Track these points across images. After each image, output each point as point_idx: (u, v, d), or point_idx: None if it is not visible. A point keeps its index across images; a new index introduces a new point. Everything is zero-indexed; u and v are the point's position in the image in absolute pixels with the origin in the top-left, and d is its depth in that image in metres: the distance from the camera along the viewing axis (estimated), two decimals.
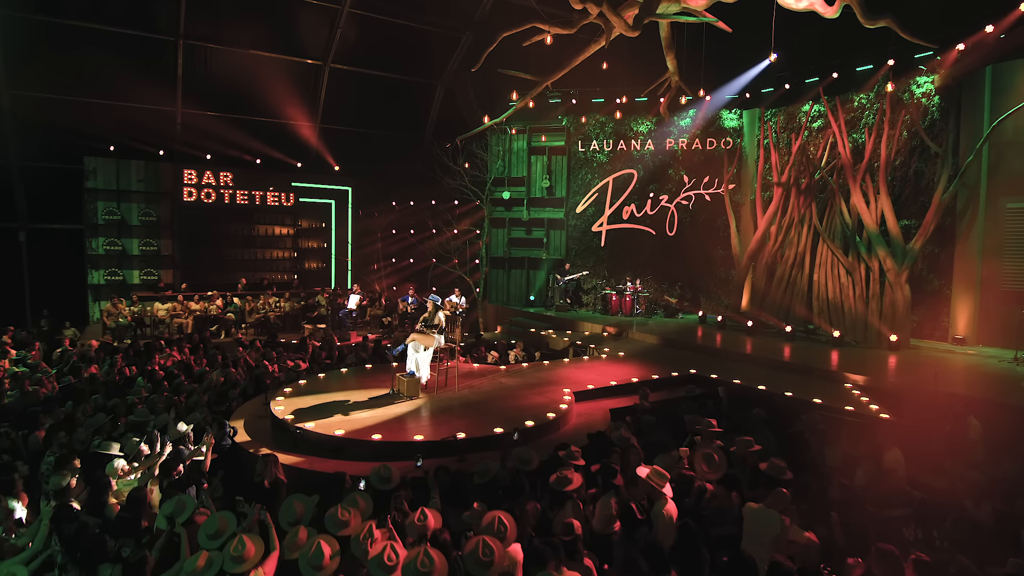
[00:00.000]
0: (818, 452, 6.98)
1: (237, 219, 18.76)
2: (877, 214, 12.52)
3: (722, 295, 16.35)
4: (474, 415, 7.31)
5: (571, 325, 15.09)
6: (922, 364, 10.48)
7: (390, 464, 5.33)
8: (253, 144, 18.58)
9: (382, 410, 7.47)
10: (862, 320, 12.56)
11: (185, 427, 6.73)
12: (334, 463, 6.17)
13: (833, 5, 8.10)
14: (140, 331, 14.67)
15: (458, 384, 8.56)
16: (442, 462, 6.23)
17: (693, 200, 16.66)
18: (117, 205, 17.03)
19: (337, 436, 6.50)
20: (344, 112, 19.64)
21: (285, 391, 8.26)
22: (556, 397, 8.21)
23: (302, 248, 20.12)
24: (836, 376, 9.68)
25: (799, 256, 13.88)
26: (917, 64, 12.60)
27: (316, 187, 20.23)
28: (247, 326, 16.05)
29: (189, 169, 17.87)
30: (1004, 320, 11.64)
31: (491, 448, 6.55)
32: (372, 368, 9.99)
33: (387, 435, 6.48)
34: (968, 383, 9.11)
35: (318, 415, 7.25)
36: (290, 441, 6.80)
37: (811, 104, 14.57)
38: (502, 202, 18.21)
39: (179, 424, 6.74)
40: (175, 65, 16.65)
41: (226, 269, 18.47)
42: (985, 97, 11.85)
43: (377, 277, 20.19)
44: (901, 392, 8.67)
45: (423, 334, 8.07)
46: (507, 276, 18.42)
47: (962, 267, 12.34)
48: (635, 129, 16.89)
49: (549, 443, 6.84)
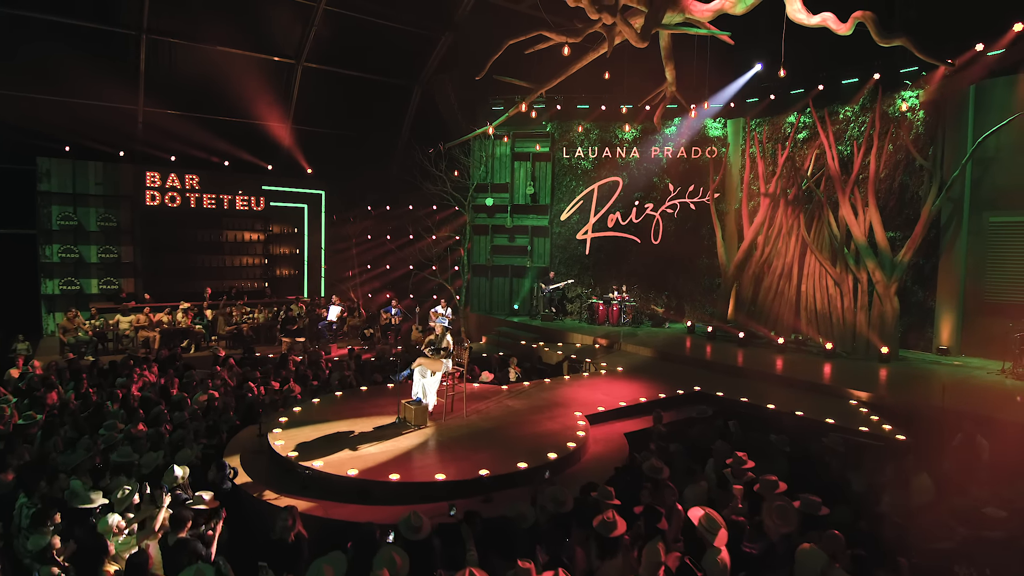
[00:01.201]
0: (840, 477, 6.87)
1: (204, 224, 17.78)
2: (866, 226, 12.67)
3: (707, 304, 16.37)
4: (491, 447, 6.92)
5: (560, 336, 14.82)
6: (920, 378, 10.60)
7: (418, 511, 4.91)
8: (221, 145, 17.63)
9: (392, 443, 7.00)
10: (850, 331, 12.69)
11: (181, 471, 6.12)
12: (350, 508, 5.69)
13: (847, 23, 8.02)
14: (102, 346, 13.68)
15: (465, 409, 8.16)
16: (467, 503, 5.85)
17: (678, 208, 16.62)
18: (73, 209, 15.86)
19: (351, 477, 6.01)
20: (317, 113, 18.86)
21: (280, 421, 7.69)
22: (570, 423, 7.90)
23: (273, 254, 19.24)
24: (839, 392, 9.68)
25: (787, 267, 13.96)
26: (903, 79, 12.80)
27: (288, 191, 19.38)
28: (218, 339, 15.19)
29: (152, 171, 16.81)
30: (987, 331, 11.92)
31: (516, 485, 6.19)
32: (368, 391, 9.47)
33: (405, 474, 6.02)
34: (967, 398, 9.17)
35: (323, 450, 6.73)
36: (295, 481, 6.27)
37: (797, 115, 14.70)
38: (484, 208, 17.80)
39: (175, 467, 6.11)
40: (137, 61, 15.60)
41: (192, 277, 17.47)
42: (969, 113, 12.11)
43: (353, 285, 19.49)
44: (907, 409, 8.69)
45: (430, 358, 7.63)
46: (490, 284, 18.03)
47: (946, 279, 12.61)
48: (620, 136, 16.73)
49: (573, 476, 6.55)
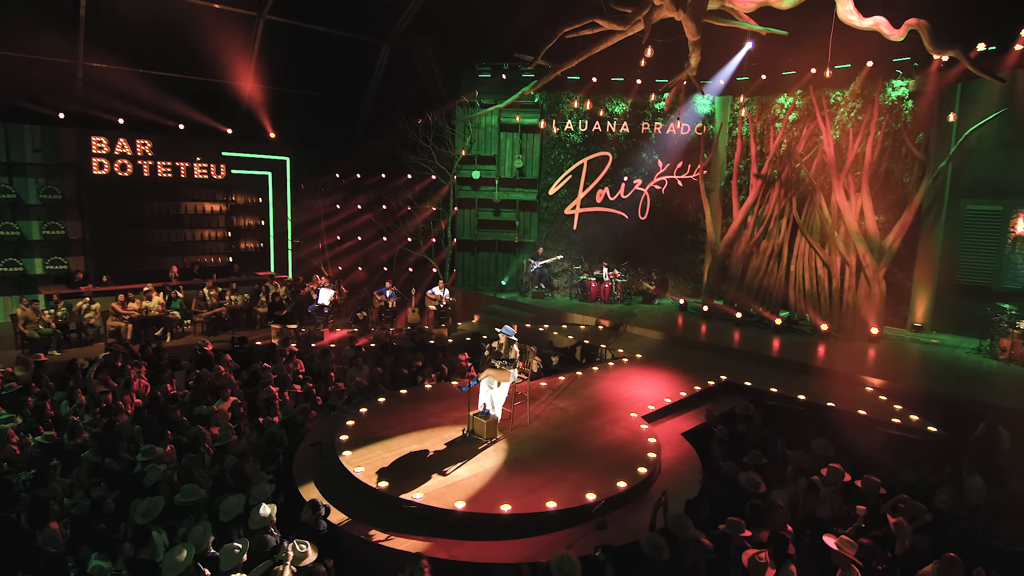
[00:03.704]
0: (893, 474, 7.32)
1: (160, 195, 16.10)
2: (857, 211, 13.29)
3: (695, 281, 16.82)
4: (577, 464, 6.78)
5: (556, 316, 14.78)
6: (915, 360, 11.42)
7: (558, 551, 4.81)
8: (175, 106, 15.84)
9: (476, 463, 6.76)
10: (838, 311, 13.45)
11: (268, 510, 5.65)
12: (471, 547, 5.49)
13: (900, 28, 8.11)
14: (64, 339, 12.30)
15: (528, 415, 8.03)
16: (580, 532, 5.79)
17: (666, 185, 16.75)
18: (9, 180, 13.87)
19: (460, 511, 5.77)
20: (282, 72, 17.26)
21: (341, 440, 7.25)
22: (632, 426, 7.96)
23: (237, 227, 17.83)
24: (855, 379, 10.23)
25: (777, 247, 14.47)
26: (894, 68, 13.27)
27: (250, 157, 17.83)
28: (192, 323, 14.06)
29: (98, 136, 14.90)
30: (957, 310, 13.03)
31: (619, 507, 6.19)
32: (408, 394, 9.11)
33: (515, 505, 5.86)
34: (969, 384, 9.89)
35: (406, 475, 6.40)
36: (389, 515, 5.94)
37: (786, 97, 14.99)
38: (469, 181, 17.19)
39: (263, 506, 5.61)
40: (76, 7, 13.54)
41: (150, 254, 15.93)
42: (956, 107, 12.77)
43: (324, 260, 18.48)
44: (922, 397, 9.31)
45: (499, 370, 7.39)
46: (475, 259, 17.63)
47: (923, 261, 13.55)
48: (611, 110, 16.48)
49: (660, 490, 6.61)
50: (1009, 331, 11.22)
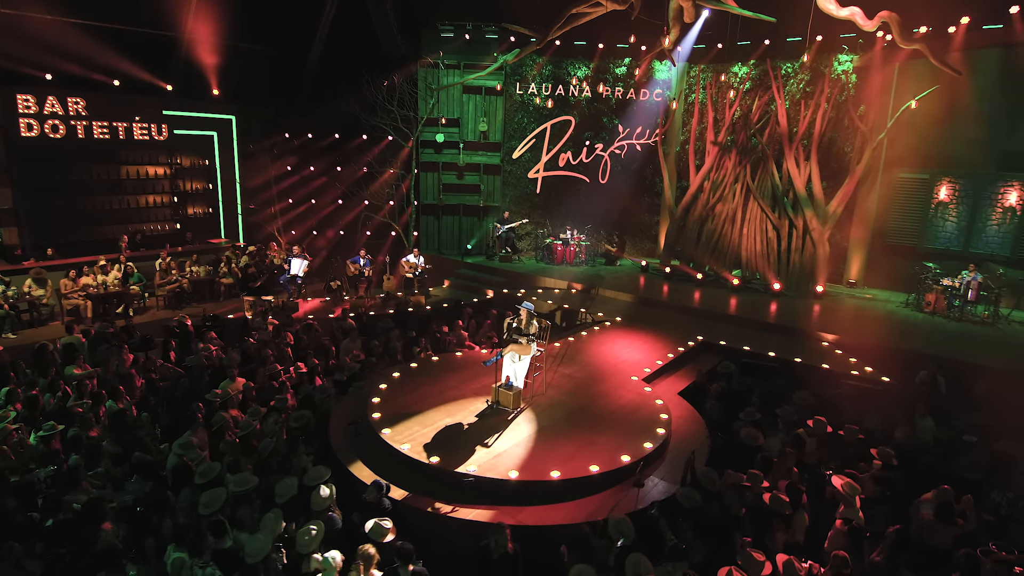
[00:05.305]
0: (857, 421, 8.45)
1: (98, 158, 14.86)
2: (805, 177, 14.42)
3: (651, 242, 17.68)
4: (601, 429, 7.39)
5: (525, 280, 15.22)
6: (856, 315, 12.78)
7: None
8: (109, 60, 14.47)
9: (511, 433, 7.20)
10: (787, 271, 14.71)
11: (328, 490, 5.88)
12: (529, 512, 5.98)
13: (873, 20, 8.83)
14: (19, 319, 11.44)
15: (546, 384, 8.54)
16: (622, 490, 6.42)
17: (626, 149, 17.29)
18: None
19: (514, 480, 6.23)
20: (224, 23, 16.04)
21: (374, 417, 7.47)
22: (636, 389, 8.66)
23: (183, 191, 16.78)
24: (812, 334, 11.44)
25: (731, 211, 15.47)
26: (842, 43, 14.23)
27: (193, 116, 16.66)
28: (152, 298, 13.40)
29: (24, 94, 13.47)
30: (887, 267, 14.61)
31: (649, 465, 6.87)
32: (418, 367, 9.34)
33: (563, 471, 6.38)
34: (905, 337, 11.31)
35: (451, 448, 6.76)
36: (443, 488, 6.32)
37: (740, 66, 15.73)
38: (432, 144, 16.99)
39: (321, 487, 5.82)
40: None
41: (91, 222, 14.82)
42: (893, 82, 13.96)
43: (278, 226, 17.84)
44: (869, 349, 10.60)
45: (521, 344, 7.78)
46: (438, 223, 17.62)
47: (859, 224, 14.97)
48: (572, 73, 16.65)
49: (678, 450, 7.36)
50: (933, 287, 12.80)
